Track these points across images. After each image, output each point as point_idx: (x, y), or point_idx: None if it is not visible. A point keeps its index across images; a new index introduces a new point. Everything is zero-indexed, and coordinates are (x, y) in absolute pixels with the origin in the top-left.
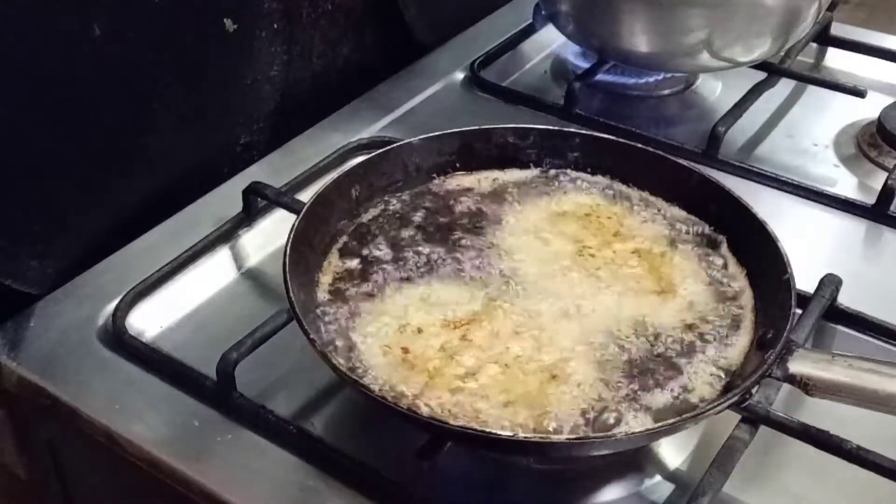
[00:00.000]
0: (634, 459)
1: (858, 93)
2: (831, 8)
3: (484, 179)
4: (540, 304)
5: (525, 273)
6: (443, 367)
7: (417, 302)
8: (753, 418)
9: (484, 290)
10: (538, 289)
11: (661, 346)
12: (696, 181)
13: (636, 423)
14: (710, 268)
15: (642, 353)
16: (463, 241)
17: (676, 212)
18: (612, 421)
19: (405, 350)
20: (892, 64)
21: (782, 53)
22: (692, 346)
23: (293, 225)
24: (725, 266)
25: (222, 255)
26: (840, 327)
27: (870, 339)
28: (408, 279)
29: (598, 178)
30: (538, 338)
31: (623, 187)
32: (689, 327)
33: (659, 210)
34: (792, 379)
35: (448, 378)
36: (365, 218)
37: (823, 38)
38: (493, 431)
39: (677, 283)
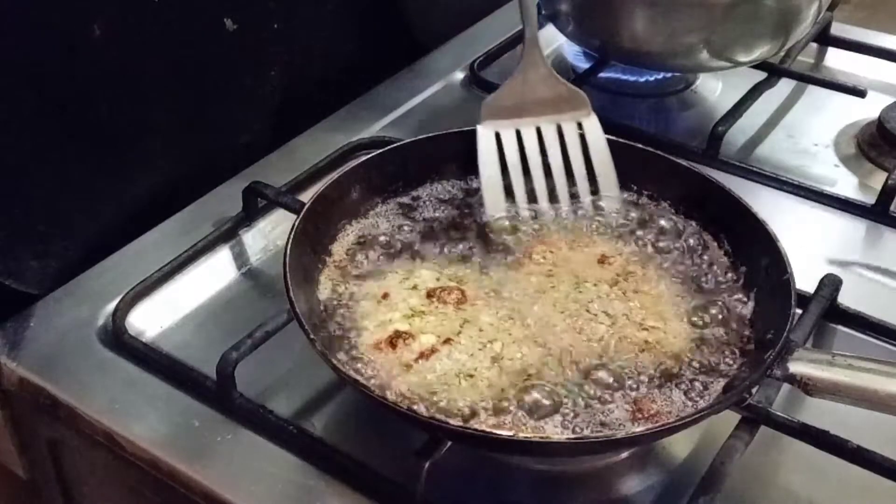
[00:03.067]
0: (635, 459)
1: (858, 93)
2: (831, 8)
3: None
4: (546, 308)
5: (523, 278)
6: (442, 366)
7: (417, 302)
8: (753, 418)
9: (485, 288)
10: (539, 292)
11: (660, 345)
12: (697, 181)
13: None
14: (710, 267)
15: (642, 351)
16: (464, 242)
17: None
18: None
19: (406, 349)
20: (892, 64)
21: (782, 53)
22: (692, 346)
23: (293, 225)
24: (725, 266)
25: (222, 255)
26: (840, 327)
27: (870, 339)
28: (407, 279)
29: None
30: (538, 340)
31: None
32: (689, 326)
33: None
34: (792, 379)
35: (448, 376)
36: (365, 218)
37: (823, 38)
38: (493, 431)
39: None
